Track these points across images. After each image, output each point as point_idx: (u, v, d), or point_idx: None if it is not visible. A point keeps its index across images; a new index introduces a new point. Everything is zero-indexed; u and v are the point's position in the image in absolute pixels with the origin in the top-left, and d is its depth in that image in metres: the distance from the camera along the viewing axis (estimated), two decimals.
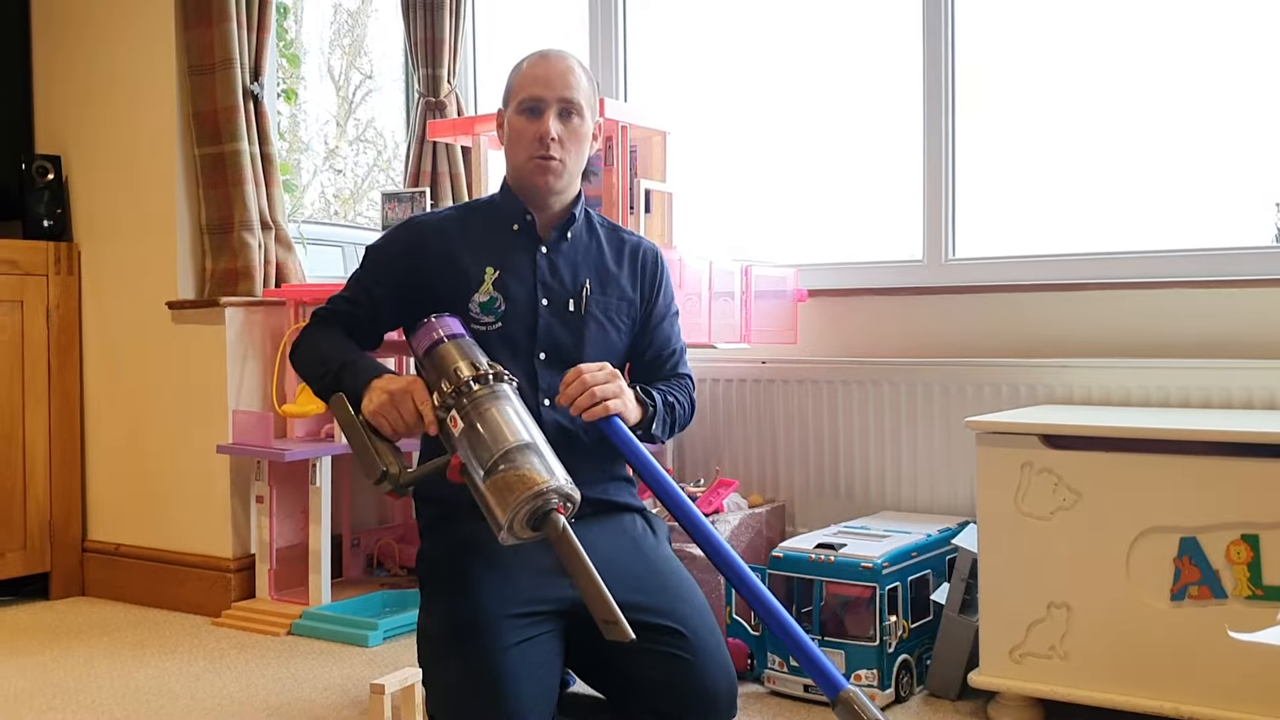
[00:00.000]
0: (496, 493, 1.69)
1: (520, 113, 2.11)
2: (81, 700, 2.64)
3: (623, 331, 2.18)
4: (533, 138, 2.09)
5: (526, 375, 2.07)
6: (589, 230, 2.21)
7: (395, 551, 3.68)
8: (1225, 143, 2.94)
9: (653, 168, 3.30)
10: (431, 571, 2.07)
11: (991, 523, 2.37)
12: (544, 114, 2.08)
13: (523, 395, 2.03)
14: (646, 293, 2.22)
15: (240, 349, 3.43)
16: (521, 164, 2.12)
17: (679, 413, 2.19)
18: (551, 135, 2.07)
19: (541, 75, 2.10)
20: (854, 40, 3.48)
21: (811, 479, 3.25)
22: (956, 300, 3.13)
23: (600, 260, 2.18)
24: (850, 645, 2.49)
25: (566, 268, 2.14)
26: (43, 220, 3.68)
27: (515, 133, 2.12)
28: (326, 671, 2.82)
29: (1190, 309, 2.82)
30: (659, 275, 2.25)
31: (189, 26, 3.48)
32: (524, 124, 2.10)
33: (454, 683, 1.88)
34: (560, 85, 2.09)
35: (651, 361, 2.24)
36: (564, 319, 2.12)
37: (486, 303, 2.08)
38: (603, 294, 2.15)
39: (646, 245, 2.27)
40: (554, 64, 2.11)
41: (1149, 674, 2.21)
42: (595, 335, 2.13)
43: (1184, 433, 2.22)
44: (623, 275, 2.19)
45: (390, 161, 7.76)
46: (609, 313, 2.16)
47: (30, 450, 3.62)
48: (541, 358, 2.09)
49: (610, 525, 2.10)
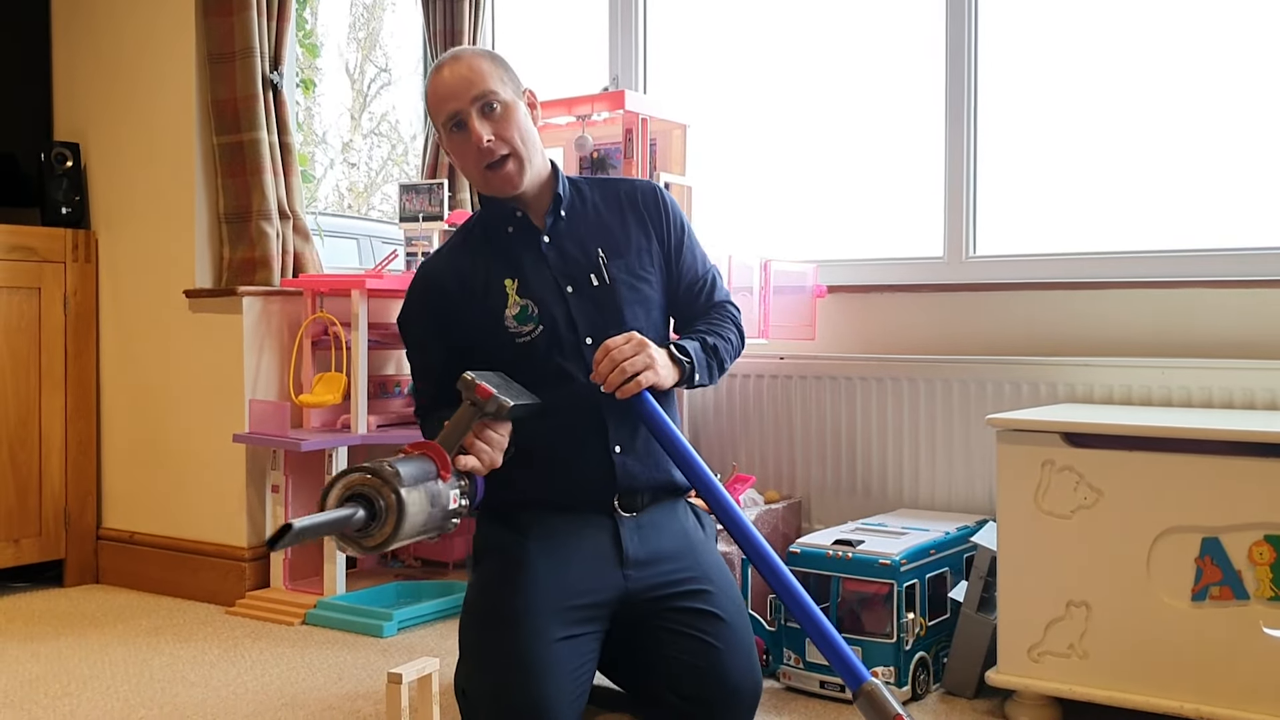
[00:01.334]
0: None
1: (450, 134, 2.07)
2: (96, 687, 2.64)
3: (654, 283, 2.15)
4: (473, 151, 2.05)
5: (580, 365, 2.07)
6: (580, 198, 2.18)
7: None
8: (1251, 141, 2.91)
9: (672, 161, 3.29)
10: (487, 552, 2.09)
11: (1011, 520, 2.35)
12: (468, 123, 2.04)
13: (579, 384, 2.05)
14: (657, 230, 2.18)
15: (257, 338, 3.43)
16: (480, 178, 2.09)
17: (725, 349, 2.15)
18: (486, 139, 2.03)
19: (445, 90, 2.05)
20: (875, 35, 3.46)
21: (829, 475, 3.24)
22: (977, 297, 3.12)
23: (601, 223, 2.15)
24: (867, 642, 2.48)
25: (574, 247, 2.12)
26: (61, 207, 3.69)
27: (456, 154, 2.10)
28: (340, 661, 2.82)
29: (1214, 308, 2.80)
30: (661, 208, 2.20)
31: (209, 14, 3.48)
32: (458, 142, 2.07)
33: (492, 664, 1.90)
34: (465, 88, 2.04)
35: (685, 295, 2.21)
36: (594, 297, 2.10)
37: (520, 314, 2.07)
38: (620, 255, 2.13)
39: (640, 184, 2.23)
40: (452, 71, 2.06)
41: (1169, 674, 2.19)
42: (629, 298, 2.11)
43: (1207, 432, 2.20)
44: (630, 226, 2.16)
45: (405, 155, 7.77)
46: (633, 271, 2.13)
47: (46, 437, 3.62)
48: (589, 343, 2.08)
49: (666, 510, 2.13)
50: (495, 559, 2.05)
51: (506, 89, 2.07)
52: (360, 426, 3.28)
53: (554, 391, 2.02)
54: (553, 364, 2.06)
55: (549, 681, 1.84)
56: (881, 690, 1.72)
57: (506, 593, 1.97)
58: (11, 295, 3.55)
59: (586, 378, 2.01)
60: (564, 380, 2.05)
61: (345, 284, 3.35)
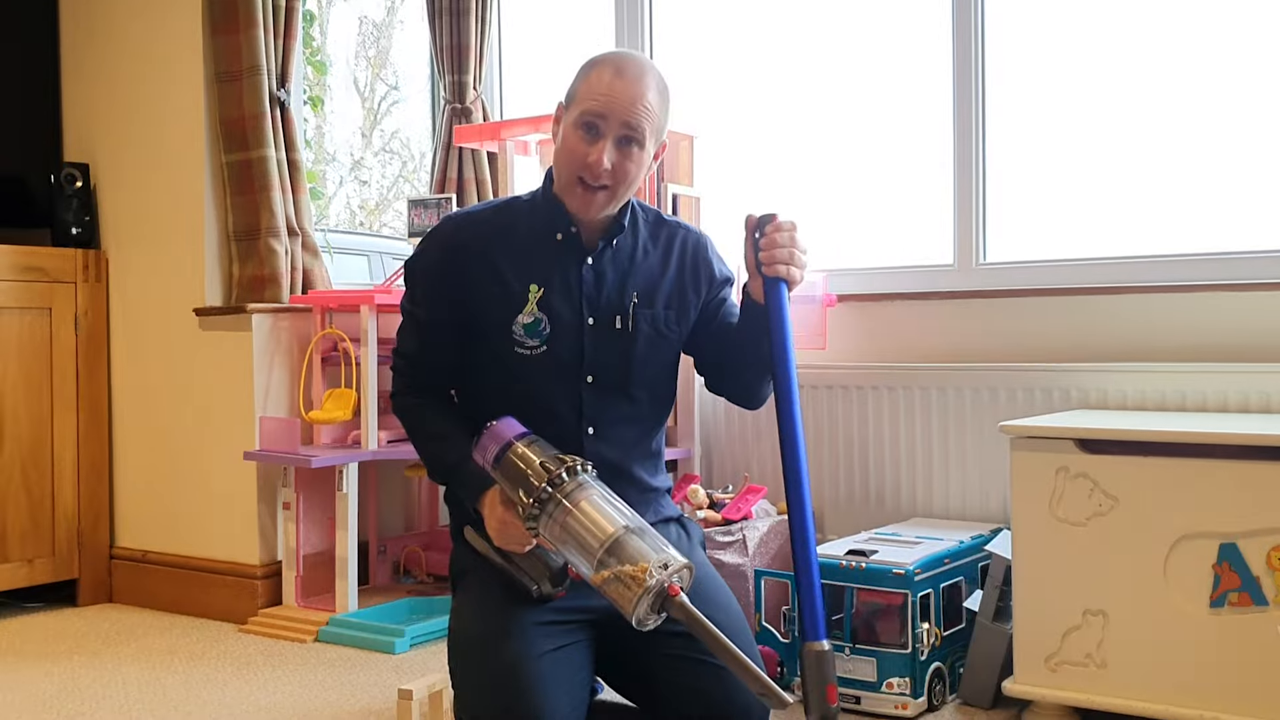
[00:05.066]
0: (613, 590, 1.66)
1: (577, 126, 1.92)
2: (109, 706, 2.64)
3: (673, 340, 2.07)
4: (582, 160, 1.91)
5: (571, 401, 1.98)
6: (633, 230, 2.07)
7: (422, 558, 3.67)
8: (1264, 144, 2.89)
9: (680, 172, 3.29)
10: (464, 575, 2.05)
11: (1026, 528, 2.33)
12: (601, 139, 1.90)
13: (565, 423, 1.98)
14: (699, 288, 2.08)
15: (267, 356, 3.43)
16: (566, 182, 1.96)
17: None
18: (604, 165, 1.89)
19: (610, 94, 1.90)
20: (883, 42, 3.45)
21: (842, 485, 3.22)
22: (988, 305, 3.10)
23: (646, 265, 2.05)
24: (882, 653, 2.46)
25: (614, 281, 2.01)
26: (71, 228, 3.70)
27: (567, 146, 1.94)
28: (353, 678, 2.81)
29: (1228, 312, 2.78)
30: (707, 267, 2.11)
31: (216, 33, 3.49)
32: (578, 141, 1.92)
33: (485, 687, 1.86)
34: (626, 110, 1.89)
35: (717, 333, 2.10)
36: (611, 338, 2.00)
37: (530, 325, 1.97)
38: (650, 306, 2.02)
39: (691, 237, 2.12)
40: (627, 84, 1.90)
41: (1187, 682, 2.17)
42: (644, 352, 2.02)
43: (1222, 436, 2.18)
44: (669, 278, 2.06)
45: (415, 172, 7.79)
46: (658, 325, 2.03)
47: (59, 457, 3.63)
48: (589, 381, 2.01)
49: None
50: (473, 581, 2.01)
51: (652, 139, 1.96)
52: (371, 442, 3.27)
53: (536, 422, 1.90)
54: (547, 390, 1.98)
55: (545, 694, 1.81)
56: (822, 657, 1.72)
57: (487, 614, 1.93)
58: (23, 316, 3.55)
59: (573, 414, 1.98)
60: (549, 411, 1.98)
61: (354, 300, 3.34)
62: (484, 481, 1.89)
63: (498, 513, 1.85)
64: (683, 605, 1.64)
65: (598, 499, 1.73)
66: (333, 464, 3.22)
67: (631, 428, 2.05)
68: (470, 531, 1.95)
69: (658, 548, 1.68)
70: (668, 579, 1.65)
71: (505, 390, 1.99)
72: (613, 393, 2.00)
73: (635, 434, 2.06)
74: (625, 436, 2.04)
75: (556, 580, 1.88)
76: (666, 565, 1.65)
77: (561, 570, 1.88)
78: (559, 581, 1.88)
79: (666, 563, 1.66)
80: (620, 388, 2.01)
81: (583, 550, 1.70)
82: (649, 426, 2.09)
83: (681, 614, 1.65)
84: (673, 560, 1.67)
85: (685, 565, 1.68)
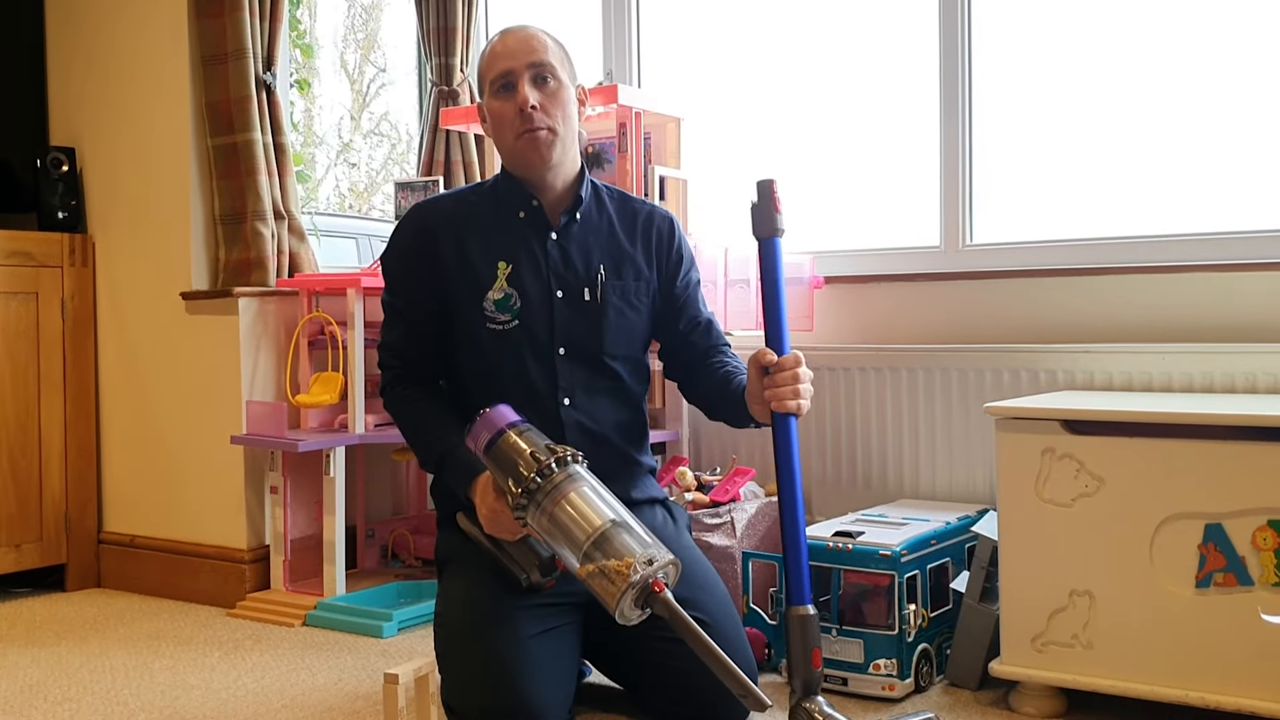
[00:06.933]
0: (597, 584, 1.66)
1: (495, 95, 2.04)
2: (97, 691, 2.64)
3: (642, 313, 2.13)
4: (513, 114, 2.01)
5: (547, 373, 2.02)
6: (598, 207, 2.13)
7: (410, 542, 3.66)
8: (1248, 125, 2.89)
9: (667, 154, 3.28)
10: (450, 560, 2.05)
11: (1012, 510, 2.34)
12: (517, 85, 2.01)
13: (541, 396, 2.00)
14: (664, 266, 2.15)
15: (254, 339, 3.42)
16: (511, 145, 2.04)
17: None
18: (531, 104, 2.00)
19: (504, 49, 2.04)
20: (869, 24, 3.44)
21: (829, 467, 3.22)
22: (974, 286, 3.10)
23: (613, 239, 2.12)
24: (869, 634, 2.46)
25: (579, 254, 2.08)
26: (57, 212, 3.68)
27: (496, 116, 2.05)
28: (340, 662, 2.81)
29: (1213, 293, 2.78)
30: (675, 245, 2.17)
31: (201, 16, 3.47)
32: (501, 104, 2.03)
33: (471, 673, 1.87)
34: (525, 52, 2.03)
35: (687, 334, 2.17)
36: (581, 309, 2.06)
37: (501, 300, 2.02)
38: (618, 277, 2.09)
39: (659, 214, 2.18)
40: (515, 35, 2.06)
41: (1173, 662, 2.17)
42: (615, 322, 2.08)
43: (1208, 417, 2.18)
44: (637, 252, 2.12)
45: (404, 155, 7.76)
46: (627, 296, 2.09)
47: (46, 442, 3.62)
48: (562, 353, 2.04)
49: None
50: (458, 567, 2.02)
51: (563, 71, 2.05)
52: (358, 426, 3.27)
53: (513, 394, 1.96)
54: (521, 363, 2.02)
55: (531, 678, 1.82)
56: (808, 622, 1.75)
57: (473, 598, 1.93)
58: (9, 300, 3.54)
59: (549, 385, 1.99)
60: (525, 383, 2.01)
61: (341, 283, 3.33)
62: (475, 469, 1.89)
63: (489, 501, 1.86)
64: (667, 602, 1.64)
65: (587, 491, 1.73)
66: (320, 448, 3.21)
67: (608, 399, 2.07)
68: (463, 518, 1.96)
69: (644, 543, 1.68)
70: (652, 575, 1.65)
71: (482, 366, 2.01)
72: (586, 364, 2.02)
73: (612, 405, 2.09)
74: (602, 407, 2.07)
75: (546, 570, 1.88)
76: (652, 561, 1.65)
77: (550, 560, 1.88)
78: (548, 571, 1.88)
79: (652, 559, 1.65)
80: (593, 359, 2.03)
81: (569, 542, 1.70)
82: (625, 398, 2.11)
83: (665, 611, 1.65)
84: (658, 556, 1.66)
85: (671, 561, 1.68)
